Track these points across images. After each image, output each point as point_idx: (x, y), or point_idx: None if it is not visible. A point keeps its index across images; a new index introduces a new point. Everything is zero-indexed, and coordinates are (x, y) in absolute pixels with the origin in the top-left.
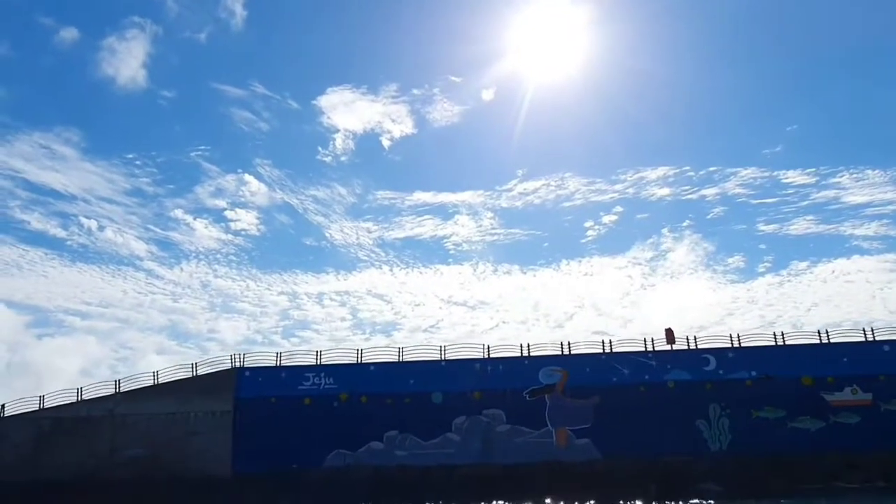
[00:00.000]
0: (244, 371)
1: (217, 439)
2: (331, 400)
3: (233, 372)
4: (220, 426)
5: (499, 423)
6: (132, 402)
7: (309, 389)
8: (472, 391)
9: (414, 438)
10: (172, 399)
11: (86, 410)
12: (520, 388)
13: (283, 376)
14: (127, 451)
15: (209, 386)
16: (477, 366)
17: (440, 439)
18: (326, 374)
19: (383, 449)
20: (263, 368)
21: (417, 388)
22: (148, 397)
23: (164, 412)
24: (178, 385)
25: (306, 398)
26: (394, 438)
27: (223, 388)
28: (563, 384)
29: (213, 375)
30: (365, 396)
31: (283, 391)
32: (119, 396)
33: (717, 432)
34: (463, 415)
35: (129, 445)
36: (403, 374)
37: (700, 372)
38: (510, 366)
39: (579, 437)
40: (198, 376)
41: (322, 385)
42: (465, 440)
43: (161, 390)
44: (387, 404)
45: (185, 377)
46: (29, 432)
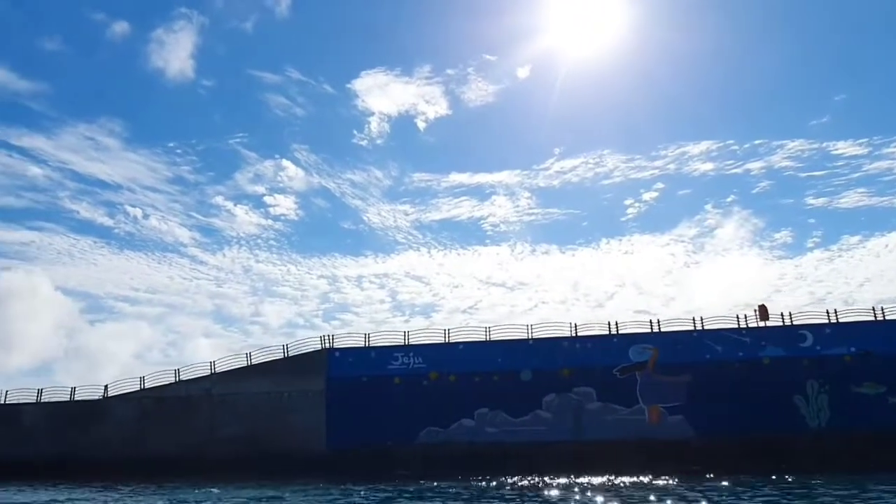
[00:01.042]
0: (334, 352)
1: (311, 418)
2: (420, 379)
3: (323, 353)
4: (314, 405)
5: (589, 401)
6: (228, 382)
7: (398, 369)
8: (560, 369)
9: (504, 415)
10: (266, 380)
11: (184, 391)
12: (609, 366)
13: (373, 356)
14: (225, 430)
15: (301, 367)
16: (565, 344)
17: (530, 416)
18: (415, 353)
19: (474, 426)
20: (353, 349)
21: (506, 366)
22: (243, 378)
23: (259, 392)
24: (271, 366)
25: (396, 377)
26: (484, 415)
27: (315, 368)
28: (653, 361)
29: (304, 356)
30: (454, 375)
31: (374, 371)
32: (215, 377)
33: (815, 409)
34: (552, 392)
35: (227, 424)
36: (491, 353)
37: (796, 348)
38: (599, 343)
39: (672, 415)
40: (289, 357)
41: (411, 364)
42: (556, 417)
43: (255, 371)
44: (476, 382)
45: (277, 358)
46: (132, 411)
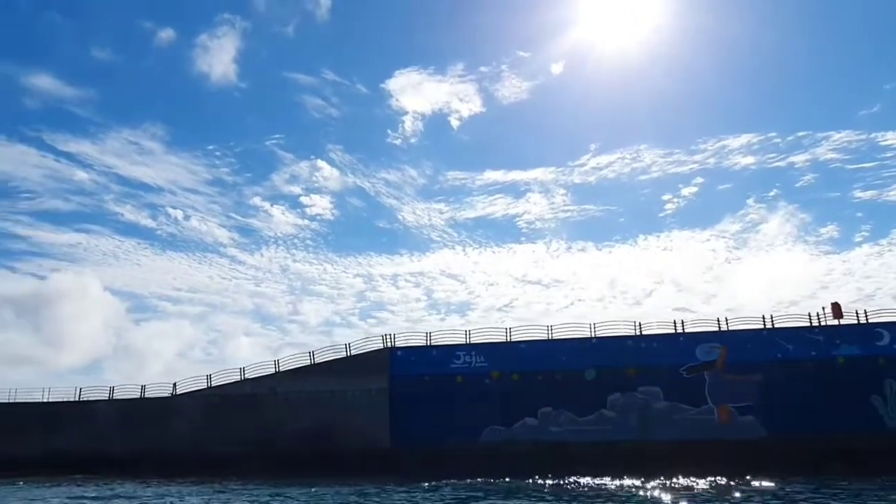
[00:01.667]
0: (396, 351)
1: (375, 416)
2: (482, 377)
3: (385, 352)
4: (377, 403)
5: (656, 400)
6: (292, 380)
7: (460, 367)
8: (625, 368)
9: (568, 415)
10: (329, 378)
11: (250, 388)
12: (676, 365)
13: (434, 355)
14: (290, 427)
15: (363, 365)
16: (630, 342)
17: (595, 416)
18: (477, 352)
19: (538, 425)
20: (415, 348)
21: (569, 365)
22: (306, 377)
23: (323, 390)
24: (333, 365)
25: (458, 376)
26: (548, 415)
27: (377, 367)
28: (722, 360)
29: (366, 355)
30: (517, 374)
31: (436, 369)
32: (279, 376)
33: (893, 409)
34: (617, 391)
35: (291, 421)
36: (554, 352)
37: (872, 346)
38: (664, 342)
39: (742, 415)
40: (352, 356)
41: (473, 363)
42: (621, 417)
43: (318, 370)
44: (539, 381)
45: (339, 357)
46: (199, 409)
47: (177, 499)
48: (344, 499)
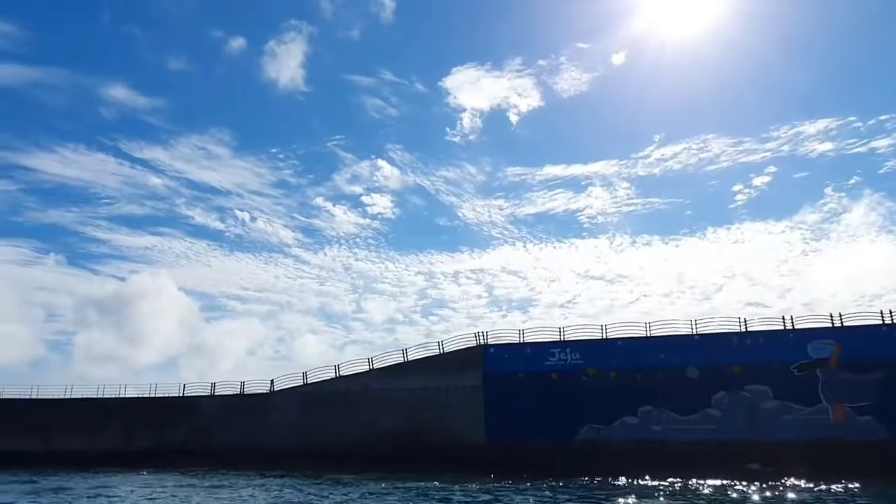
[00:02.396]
0: (489, 348)
1: (469, 412)
2: (578, 375)
3: (479, 349)
4: (471, 400)
5: (764, 399)
6: (386, 377)
7: (555, 364)
8: (731, 365)
9: (670, 413)
10: (423, 375)
11: (344, 385)
12: (786, 362)
13: (528, 352)
14: (385, 423)
15: (457, 363)
16: (735, 339)
17: (700, 415)
18: (572, 349)
19: (638, 424)
20: (508, 345)
21: (669, 362)
22: (399, 373)
23: (416, 387)
24: (427, 362)
25: (553, 373)
26: (649, 413)
27: (471, 364)
28: (836, 358)
29: (459, 353)
30: (614, 372)
31: (530, 366)
32: (373, 373)
33: None
34: (722, 390)
35: (386, 418)
36: (653, 349)
37: None
38: (772, 339)
39: (861, 415)
40: (445, 353)
41: (569, 360)
42: (727, 416)
43: (411, 367)
44: (638, 379)
45: (432, 355)
46: (296, 405)
47: (294, 490)
48: (446, 494)
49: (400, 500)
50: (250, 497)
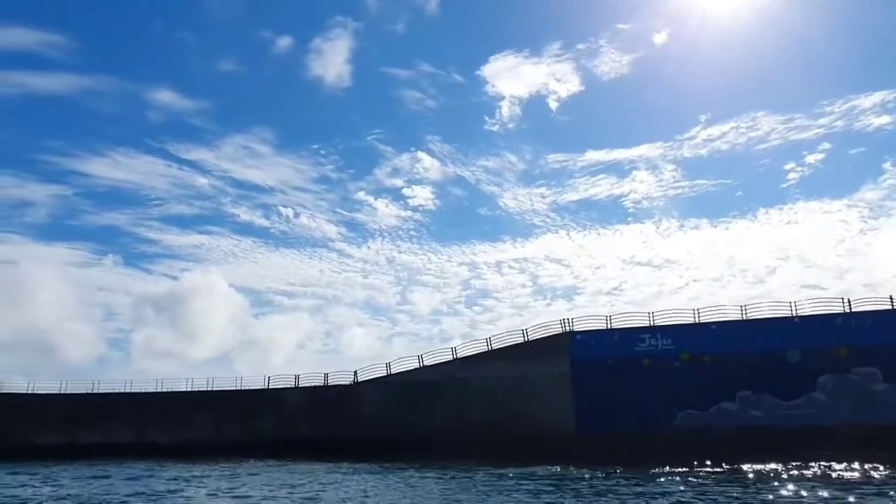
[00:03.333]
0: (576, 335)
1: (557, 400)
2: (671, 360)
3: (565, 336)
4: (559, 388)
5: (874, 382)
6: (470, 367)
7: (646, 350)
8: (835, 348)
9: (771, 398)
10: (508, 363)
11: (429, 375)
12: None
13: (617, 338)
14: (470, 412)
15: (543, 350)
16: (839, 321)
17: (803, 399)
18: (663, 335)
19: (737, 409)
20: (595, 332)
21: (767, 346)
22: (484, 362)
23: (501, 375)
24: (512, 350)
25: (644, 359)
26: (748, 398)
27: (557, 351)
28: None
29: (545, 340)
30: (709, 356)
31: (619, 353)
32: (458, 362)
33: None
34: (827, 373)
35: (471, 407)
36: (749, 333)
37: None
38: (881, 319)
39: None
40: (530, 341)
41: (659, 346)
42: (833, 400)
43: (496, 356)
44: (734, 363)
45: (517, 343)
46: (381, 395)
47: (380, 478)
48: (548, 482)
49: (511, 489)
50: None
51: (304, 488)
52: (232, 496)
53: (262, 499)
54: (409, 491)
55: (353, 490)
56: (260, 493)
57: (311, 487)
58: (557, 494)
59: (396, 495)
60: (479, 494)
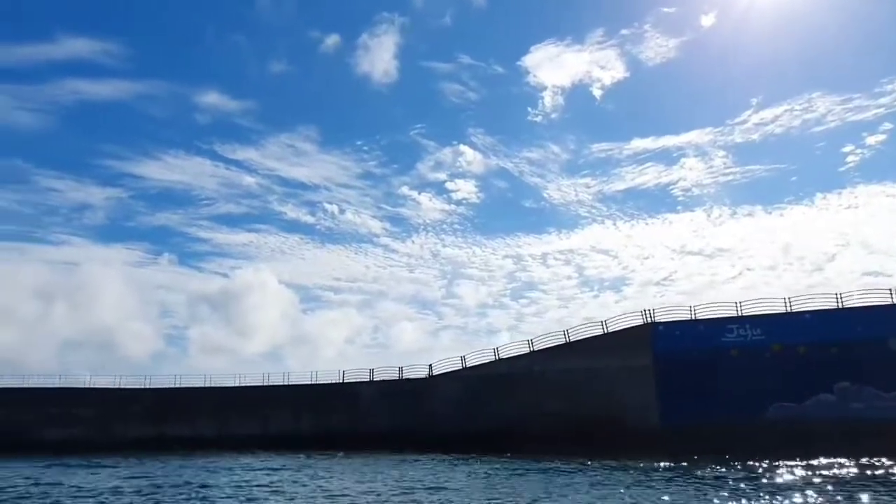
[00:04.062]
0: (658, 326)
1: (638, 393)
2: (761, 351)
3: (646, 327)
4: (640, 380)
5: None
6: (548, 360)
7: (734, 341)
8: None
9: (872, 390)
10: (587, 356)
11: (505, 368)
12: None
13: (702, 329)
14: (548, 405)
15: (623, 342)
16: None
17: None
18: (752, 325)
19: (835, 401)
20: (679, 322)
21: (868, 335)
22: (562, 355)
23: (580, 368)
24: (590, 342)
25: (733, 350)
26: (847, 390)
27: (638, 343)
28: None
29: (625, 332)
30: (803, 346)
31: (705, 344)
32: (534, 355)
33: None
34: None
35: (549, 400)
36: (847, 321)
37: None
38: None
39: None
40: (609, 333)
41: (749, 336)
42: None
43: (574, 348)
44: (831, 354)
45: (596, 335)
46: (457, 388)
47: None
48: (635, 478)
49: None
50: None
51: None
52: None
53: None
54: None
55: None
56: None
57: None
58: (675, 486)
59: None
60: (601, 488)
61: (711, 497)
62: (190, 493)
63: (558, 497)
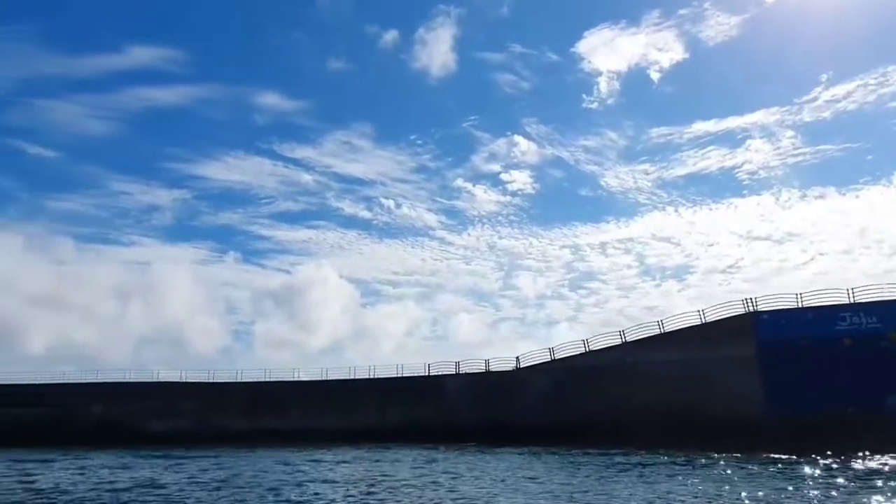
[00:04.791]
0: (761, 315)
1: (740, 384)
2: (877, 340)
3: (748, 316)
4: (742, 371)
5: None
6: (641, 351)
7: (847, 330)
8: None
9: None
10: (683, 346)
11: (595, 360)
12: None
13: (810, 317)
14: (641, 397)
15: (721, 332)
16: None
17: None
18: (866, 312)
19: None
20: (784, 311)
21: None
22: (656, 346)
23: (677, 359)
24: (686, 333)
25: (845, 339)
26: None
27: (739, 332)
28: None
29: (724, 322)
30: None
31: (814, 332)
32: (627, 346)
33: None
34: None
35: (642, 392)
36: None
37: None
38: None
39: None
40: (707, 323)
41: (863, 325)
42: None
43: (669, 339)
44: None
45: (692, 325)
46: (545, 381)
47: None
48: (747, 471)
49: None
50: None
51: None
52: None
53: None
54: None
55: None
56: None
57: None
58: (792, 479)
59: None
60: (712, 482)
61: (831, 491)
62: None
63: (679, 486)
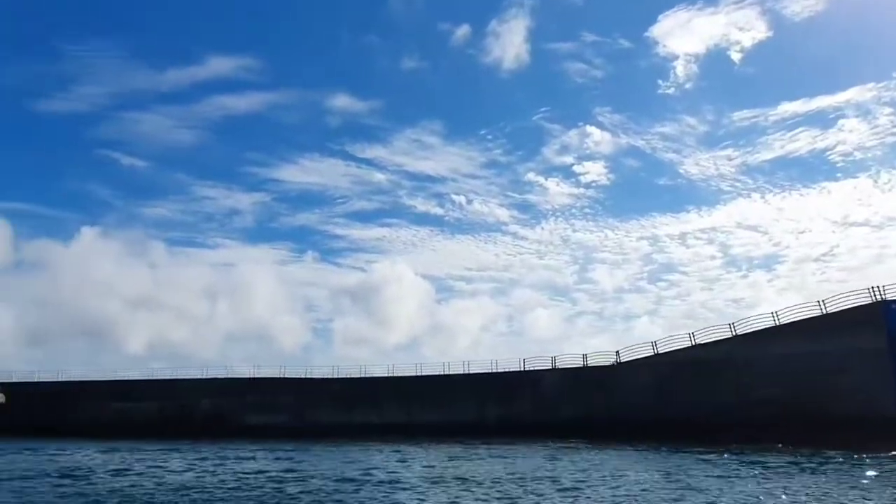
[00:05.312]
0: (891, 304)
1: (868, 378)
2: None
3: (875, 306)
4: (873, 364)
5: None
6: (752, 344)
7: None
8: None
9: None
10: (800, 338)
11: (703, 354)
12: None
13: None
14: (755, 393)
15: (846, 323)
16: None
17: None
18: None
19: None
20: None
21: None
22: (770, 339)
23: (792, 352)
24: (805, 324)
25: None
26: None
27: (866, 323)
28: None
29: (848, 312)
30: None
31: None
32: (736, 339)
33: None
34: None
35: (755, 387)
36: None
37: None
38: None
39: None
40: (828, 314)
41: None
42: None
43: (785, 331)
44: None
45: (812, 316)
46: (646, 375)
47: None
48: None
49: None
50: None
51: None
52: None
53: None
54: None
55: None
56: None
57: None
58: None
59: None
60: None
61: None
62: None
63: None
